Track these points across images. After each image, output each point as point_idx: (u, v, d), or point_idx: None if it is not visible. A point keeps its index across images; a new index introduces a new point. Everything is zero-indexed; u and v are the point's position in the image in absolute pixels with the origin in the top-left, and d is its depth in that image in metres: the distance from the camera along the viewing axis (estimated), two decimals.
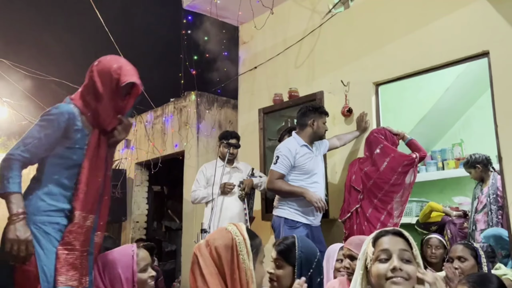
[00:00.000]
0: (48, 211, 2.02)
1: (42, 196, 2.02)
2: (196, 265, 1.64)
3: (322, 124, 3.60)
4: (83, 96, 2.16)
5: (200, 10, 5.30)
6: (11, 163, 1.97)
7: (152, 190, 7.55)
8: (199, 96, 6.06)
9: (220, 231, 1.73)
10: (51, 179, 2.07)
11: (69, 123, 2.08)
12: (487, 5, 3.35)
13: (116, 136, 2.24)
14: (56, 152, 2.08)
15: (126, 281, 2.05)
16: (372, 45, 4.09)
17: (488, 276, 2.10)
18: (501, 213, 3.81)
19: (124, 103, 2.21)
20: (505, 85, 3.20)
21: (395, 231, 1.60)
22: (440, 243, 3.44)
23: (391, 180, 3.45)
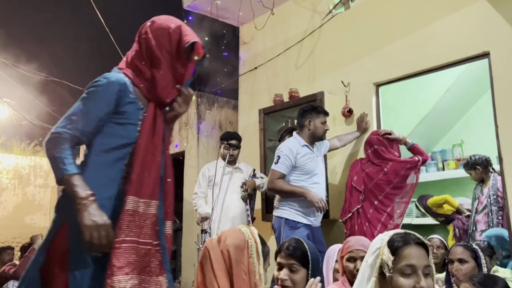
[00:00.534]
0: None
1: (89, 182, 1.68)
2: (208, 259, 1.66)
3: (320, 124, 3.57)
4: (134, 64, 1.85)
5: (200, 10, 5.31)
6: (61, 143, 1.67)
7: None
8: (199, 97, 6.05)
9: (233, 230, 1.75)
10: (99, 161, 1.76)
11: (121, 94, 1.77)
12: (488, 6, 3.35)
13: (175, 109, 1.91)
14: (105, 130, 1.77)
15: None
16: (373, 46, 4.09)
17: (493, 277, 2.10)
18: (501, 214, 3.80)
19: (184, 69, 1.90)
20: (506, 86, 3.20)
21: (418, 241, 1.55)
22: (441, 243, 3.44)
23: (393, 182, 3.46)
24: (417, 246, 1.54)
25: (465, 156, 5.16)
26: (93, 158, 1.77)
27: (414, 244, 1.54)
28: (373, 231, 3.37)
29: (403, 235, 1.58)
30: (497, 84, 3.26)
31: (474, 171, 4.13)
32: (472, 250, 2.64)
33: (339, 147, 3.93)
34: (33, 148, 10.84)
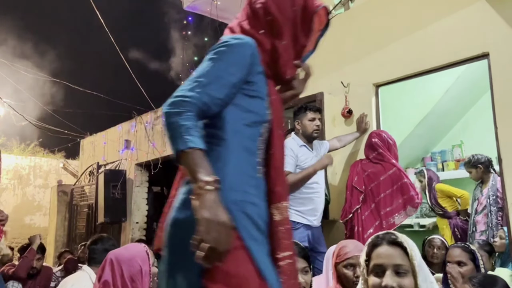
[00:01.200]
0: (243, 193, 1.35)
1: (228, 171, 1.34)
2: None
3: (308, 122, 3.51)
4: (250, 34, 1.51)
5: (200, 11, 5.32)
6: (188, 108, 1.29)
7: (152, 191, 7.55)
8: None
9: None
10: (237, 142, 1.39)
11: (253, 60, 1.44)
12: (487, 6, 3.35)
13: (295, 87, 1.62)
14: (235, 102, 1.42)
15: (145, 273, 2.11)
16: (372, 47, 4.09)
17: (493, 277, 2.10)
18: (501, 215, 3.81)
19: (306, 40, 1.62)
20: (505, 87, 3.21)
21: (391, 240, 1.49)
22: (442, 244, 3.44)
23: (393, 188, 3.47)
24: (389, 245, 1.48)
25: (465, 157, 5.17)
26: (229, 138, 1.39)
27: (386, 243, 1.49)
28: (364, 234, 3.37)
29: (380, 236, 1.54)
30: (496, 84, 3.26)
31: (475, 169, 4.12)
32: (470, 252, 2.64)
33: (339, 148, 3.94)
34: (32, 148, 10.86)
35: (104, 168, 7.51)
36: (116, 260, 2.10)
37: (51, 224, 8.81)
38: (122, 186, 6.90)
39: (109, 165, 7.65)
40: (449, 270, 2.61)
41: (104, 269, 2.09)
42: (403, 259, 1.46)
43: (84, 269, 2.87)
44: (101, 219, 6.91)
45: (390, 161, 3.61)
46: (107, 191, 6.79)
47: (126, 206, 7.03)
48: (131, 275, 2.06)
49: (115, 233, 7.32)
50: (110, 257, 2.13)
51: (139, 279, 2.08)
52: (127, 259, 2.10)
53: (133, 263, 2.10)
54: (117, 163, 7.45)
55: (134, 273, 2.08)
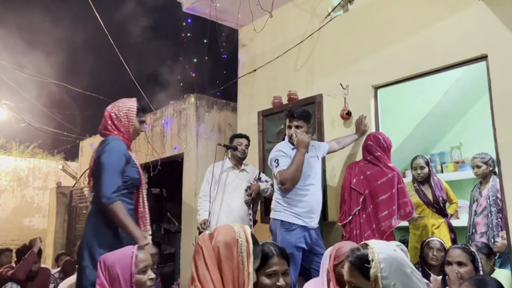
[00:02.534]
0: None
1: None
2: (201, 254, 1.71)
3: (288, 129, 3.58)
4: None
5: (199, 13, 5.32)
6: None
7: (151, 193, 7.54)
8: (198, 99, 6.06)
9: (226, 228, 1.79)
10: None
11: None
12: (486, 8, 3.37)
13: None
14: None
15: (124, 281, 2.08)
16: (371, 48, 4.10)
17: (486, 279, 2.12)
18: (500, 216, 3.81)
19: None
20: (503, 89, 3.22)
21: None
22: (441, 246, 3.45)
23: (392, 191, 3.48)
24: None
25: (464, 159, 5.18)
26: None
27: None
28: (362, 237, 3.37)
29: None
30: (495, 86, 3.27)
31: (486, 165, 4.03)
32: (470, 253, 2.65)
33: (338, 150, 3.94)
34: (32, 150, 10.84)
35: None
36: (103, 263, 2.14)
37: (50, 226, 8.80)
38: None
39: None
40: (448, 272, 2.62)
41: (98, 271, 2.14)
42: None
43: None
44: None
45: (387, 164, 3.62)
46: None
47: None
48: (110, 280, 2.08)
49: None
50: (100, 260, 2.18)
51: (118, 286, 2.08)
52: (110, 264, 2.12)
53: (112, 270, 2.09)
54: None
55: (113, 279, 2.08)
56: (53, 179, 10.03)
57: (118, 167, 2.67)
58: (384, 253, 1.52)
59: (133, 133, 2.88)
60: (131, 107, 2.86)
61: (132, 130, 2.86)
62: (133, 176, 2.79)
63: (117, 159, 2.68)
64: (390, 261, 1.50)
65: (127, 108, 2.85)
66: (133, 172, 2.79)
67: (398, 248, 1.65)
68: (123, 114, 2.84)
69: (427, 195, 4.29)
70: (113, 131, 2.82)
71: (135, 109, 2.86)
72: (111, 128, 2.83)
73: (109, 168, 2.65)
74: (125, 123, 2.83)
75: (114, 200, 2.57)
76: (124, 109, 2.85)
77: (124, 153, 2.73)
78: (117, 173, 2.66)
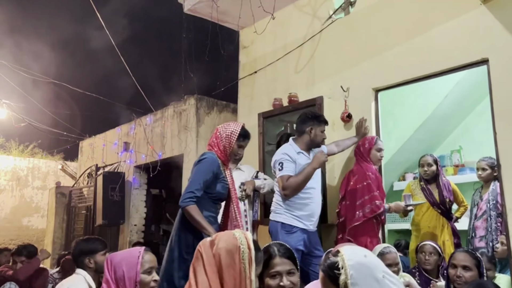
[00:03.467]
0: None
1: None
2: (200, 261, 1.69)
3: (320, 133, 3.58)
4: None
5: (200, 14, 5.32)
6: None
7: (151, 194, 7.55)
8: (198, 100, 6.06)
9: (227, 234, 1.77)
10: None
11: None
12: (487, 12, 3.37)
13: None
14: None
15: (129, 280, 2.09)
16: (372, 51, 4.10)
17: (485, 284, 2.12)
18: (500, 220, 3.80)
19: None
20: (504, 92, 3.21)
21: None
22: (434, 249, 3.44)
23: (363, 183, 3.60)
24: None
25: (464, 162, 5.17)
26: None
27: None
28: None
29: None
30: (495, 90, 3.27)
31: (491, 170, 3.98)
32: (476, 258, 2.64)
33: (337, 152, 3.94)
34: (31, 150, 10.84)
35: (103, 170, 7.51)
36: (110, 262, 2.15)
37: (49, 225, 8.79)
38: (121, 188, 6.89)
39: (107, 167, 7.64)
40: (456, 278, 2.60)
41: (105, 268, 2.15)
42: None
43: (78, 272, 2.86)
44: (99, 221, 6.90)
45: (360, 164, 3.75)
46: (106, 193, 6.79)
47: (125, 208, 7.02)
48: (116, 278, 2.10)
49: (113, 235, 7.31)
50: (107, 258, 2.19)
51: (122, 285, 2.09)
52: (116, 263, 2.13)
53: (118, 268, 2.11)
54: (116, 165, 7.45)
55: (118, 277, 2.10)
56: (53, 179, 10.03)
57: (202, 178, 3.03)
58: (353, 259, 1.50)
59: (230, 154, 3.18)
60: (234, 131, 3.16)
61: (229, 151, 3.16)
62: (219, 191, 3.13)
63: (204, 172, 3.05)
64: (358, 268, 1.48)
65: (231, 131, 3.16)
66: (220, 187, 3.13)
67: (370, 253, 1.64)
68: (226, 136, 3.15)
69: (433, 195, 4.12)
70: (214, 147, 3.17)
71: (237, 133, 3.15)
72: (213, 143, 3.19)
73: (195, 177, 3.04)
74: (225, 143, 3.14)
75: (188, 204, 2.94)
76: (228, 131, 3.16)
77: (213, 168, 3.08)
78: (199, 183, 3.00)
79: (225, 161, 3.20)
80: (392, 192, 5.48)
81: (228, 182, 3.20)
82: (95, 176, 7.63)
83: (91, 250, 2.89)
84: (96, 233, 7.46)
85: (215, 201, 3.17)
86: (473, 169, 4.87)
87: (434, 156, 4.28)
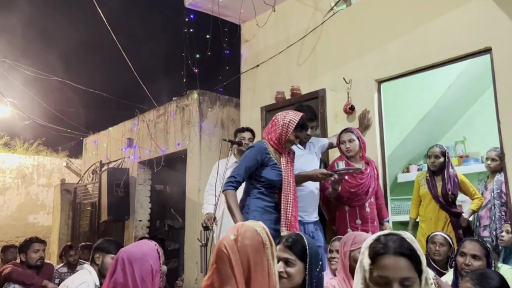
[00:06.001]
0: None
1: None
2: (227, 263, 1.59)
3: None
4: None
5: (202, 8, 5.31)
6: None
7: (155, 189, 7.57)
8: (201, 95, 6.06)
9: (249, 230, 1.69)
10: None
11: None
12: (489, 1, 3.35)
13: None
14: None
15: (156, 272, 2.07)
16: (374, 43, 4.09)
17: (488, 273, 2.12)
18: (504, 209, 3.79)
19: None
20: (508, 82, 3.20)
21: (396, 250, 1.37)
22: (445, 240, 3.41)
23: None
24: (396, 255, 1.37)
25: (468, 153, 5.15)
26: None
27: (392, 254, 1.37)
28: None
29: (385, 240, 1.41)
30: (499, 79, 3.25)
31: (500, 160, 3.92)
32: (485, 248, 2.64)
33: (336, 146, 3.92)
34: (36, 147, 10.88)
35: (107, 167, 7.53)
36: (128, 259, 2.03)
37: (54, 222, 8.84)
38: (125, 184, 6.92)
39: (112, 164, 7.67)
40: (464, 266, 2.60)
41: (115, 268, 2.03)
42: (410, 271, 1.36)
43: (85, 267, 2.93)
44: (104, 217, 6.93)
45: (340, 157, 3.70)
46: (110, 190, 6.81)
47: (129, 204, 7.05)
48: (142, 275, 2.01)
49: (118, 231, 7.34)
50: (121, 256, 2.05)
51: (150, 279, 2.03)
52: (138, 258, 2.04)
53: (144, 263, 2.03)
54: (120, 162, 7.47)
55: (145, 273, 2.02)
56: (57, 176, 10.07)
57: (244, 164, 3.11)
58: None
59: (285, 142, 3.16)
60: (293, 120, 3.14)
61: (285, 139, 3.15)
62: (270, 178, 3.13)
63: (247, 159, 3.12)
64: None
65: (289, 120, 3.14)
66: (271, 174, 3.13)
67: None
68: (283, 124, 3.14)
69: (436, 187, 4.04)
70: (268, 134, 3.21)
71: (295, 123, 3.13)
72: (268, 130, 3.24)
73: (239, 164, 3.17)
74: (282, 131, 3.14)
75: (226, 189, 3.07)
76: (287, 119, 3.15)
77: (258, 156, 3.12)
78: (242, 169, 3.10)
79: (279, 149, 3.18)
80: (397, 184, 5.47)
81: (282, 169, 3.16)
82: (99, 172, 7.66)
83: (106, 249, 2.93)
84: (101, 229, 7.50)
85: (270, 189, 3.17)
86: (477, 160, 4.86)
87: (443, 147, 4.13)
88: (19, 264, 4.25)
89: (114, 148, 7.74)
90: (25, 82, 7.80)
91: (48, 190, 10.04)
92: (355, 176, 3.53)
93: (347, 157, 3.58)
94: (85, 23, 10.00)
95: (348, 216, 3.54)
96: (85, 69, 10.51)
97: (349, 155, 3.57)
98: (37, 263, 4.16)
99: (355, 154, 3.58)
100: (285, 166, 3.19)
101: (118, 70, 7.88)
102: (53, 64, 8.35)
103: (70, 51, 10.23)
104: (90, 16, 6.74)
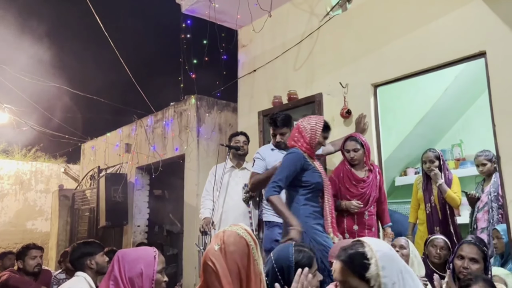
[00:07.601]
0: None
1: None
2: (212, 274, 1.62)
3: (273, 137, 3.84)
4: None
5: (199, 14, 5.33)
6: None
7: (153, 194, 7.57)
8: (199, 100, 6.08)
9: (232, 235, 1.72)
10: None
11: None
12: (483, 5, 3.37)
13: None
14: None
15: (147, 278, 2.07)
16: (370, 47, 4.11)
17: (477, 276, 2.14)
18: (501, 212, 3.80)
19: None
20: (502, 85, 3.22)
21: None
22: (445, 244, 3.41)
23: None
24: None
25: (465, 156, 5.17)
26: None
27: None
28: None
29: None
30: (493, 83, 3.28)
31: (490, 163, 3.94)
32: (483, 251, 2.63)
33: (334, 152, 3.93)
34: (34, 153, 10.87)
35: (105, 172, 7.53)
36: (122, 258, 2.10)
37: (53, 228, 8.82)
38: (123, 190, 6.92)
39: (110, 169, 7.67)
40: (462, 269, 2.60)
41: (113, 266, 2.10)
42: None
43: (78, 274, 2.89)
44: (102, 223, 6.92)
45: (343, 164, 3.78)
46: (108, 195, 6.81)
47: (128, 210, 7.05)
48: (130, 276, 2.04)
49: (117, 237, 7.33)
50: (118, 255, 2.14)
51: (138, 282, 2.07)
52: (130, 260, 2.08)
53: (135, 265, 2.07)
54: (118, 167, 7.47)
55: (133, 275, 2.05)
56: (55, 182, 10.06)
57: (286, 170, 3.10)
58: (381, 251, 1.49)
59: (315, 145, 3.24)
60: (319, 122, 3.24)
61: (315, 143, 3.22)
62: (314, 181, 3.16)
63: (288, 164, 3.12)
64: (386, 259, 1.47)
65: (315, 122, 3.23)
66: (314, 176, 3.17)
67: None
68: (311, 128, 3.21)
69: (432, 192, 4.06)
70: (298, 141, 3.23)
71: (321, 125, 3.23)
72: (296, 138, 3.25)
73: (279, 170, 3.15)
74: (311, 135, 3.20)
75: (269, 194, 3.04)
76: (313, 123, 3.23)
77: (298, 162, 3.14)
78: (283, 174, 3.09)
79: (311, 154, 3.23)
80: (394, 188, 5.49)
81: (321, 172, 3.22)
82: (97, 178, 7.65)
83: (91, 252, 2.93)
84: (100, 235, 7.48)
85: (314, 193, 3.19)
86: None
87: (436, 151, 4.11)
88: (17, 271, 4.24)
89: (112, 154, 7.75)
90: (23, 88, 7.81)
91: (46, 196, 10.02)
92: (356, 185, 3.57)
93: (351, 165, 3.65)
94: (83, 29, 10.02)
95: (346, 222, 3.55)
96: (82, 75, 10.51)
97: (354, 164, 3.65)
98: (35, 270, 4.15)
99: (359, 162, 3.63)
100: (321, 170, 3.28)
101: (116, 76, 7.90)
102: (50, 70, 8.36)
103: (68, 57, 10.24)
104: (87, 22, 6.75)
